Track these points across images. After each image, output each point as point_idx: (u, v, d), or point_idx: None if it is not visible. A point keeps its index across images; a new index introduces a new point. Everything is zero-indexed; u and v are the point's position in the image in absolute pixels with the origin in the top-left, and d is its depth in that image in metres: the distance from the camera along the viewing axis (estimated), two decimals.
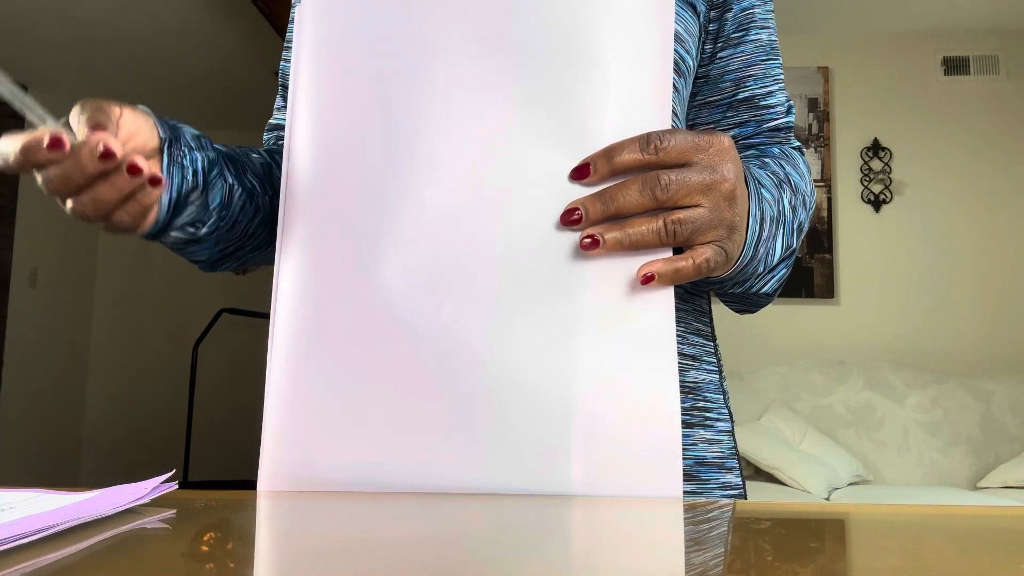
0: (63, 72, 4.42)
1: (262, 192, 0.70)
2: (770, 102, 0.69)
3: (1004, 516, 0.44)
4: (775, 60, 0.70)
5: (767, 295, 0.66)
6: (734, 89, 0.69)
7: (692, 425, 0.66)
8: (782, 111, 0.70)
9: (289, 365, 0.56)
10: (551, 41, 0.54)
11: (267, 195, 0.70)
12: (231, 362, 5.07)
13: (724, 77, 0.69)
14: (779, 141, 0.70)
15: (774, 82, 0.70)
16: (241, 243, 0.69)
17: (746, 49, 0.69)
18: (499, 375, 0.52)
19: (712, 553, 0.34)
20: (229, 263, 0.72)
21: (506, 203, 0.53)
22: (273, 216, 0.71)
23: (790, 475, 2.83)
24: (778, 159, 0.66)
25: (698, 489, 0.65)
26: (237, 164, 0.67)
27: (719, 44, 0.69)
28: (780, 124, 0.70)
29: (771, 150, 0.69)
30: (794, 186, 0.64)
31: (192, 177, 0.60)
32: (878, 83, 3.77)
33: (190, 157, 0.60)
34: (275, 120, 0.82)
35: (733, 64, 0.69)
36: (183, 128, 0.61)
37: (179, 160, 0.59)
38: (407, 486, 0.52)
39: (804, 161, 0.69)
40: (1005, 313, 3.57)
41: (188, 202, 0.61)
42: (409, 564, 0.31)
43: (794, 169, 0.66)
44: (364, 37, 0.57)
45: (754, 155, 0.68)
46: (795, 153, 0.69)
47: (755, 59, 0.69)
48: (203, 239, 0.65)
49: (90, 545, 0.34)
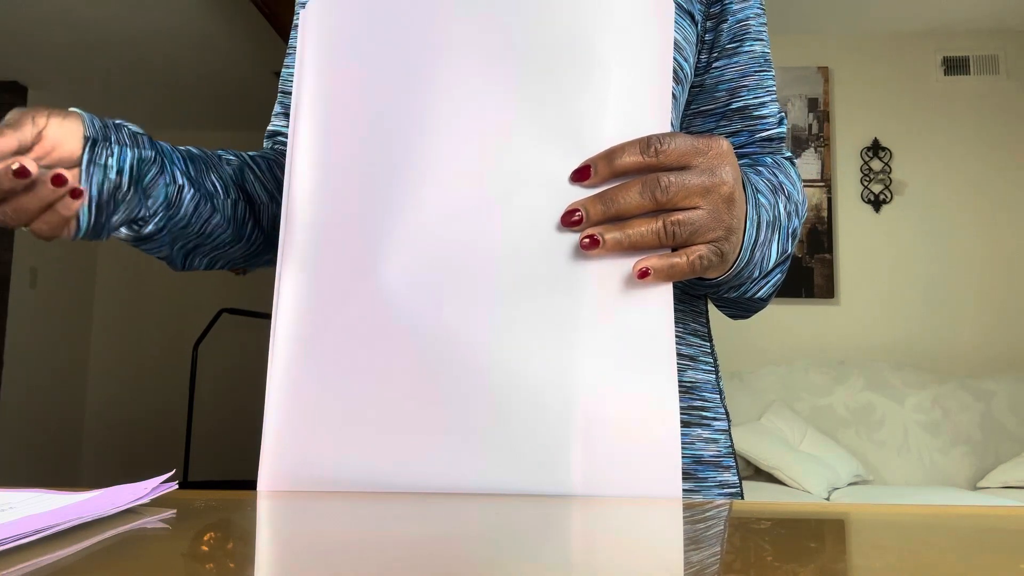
0: (62, 73, 4.42)
1: (224, 195, 0.69)
2: (763, 112, 0.71)
3: (1004, 516, 0.44)
4: (768, 72, 0.72)
5: (761, 300, 0.66)
6: (728, 99, 0.71)
7: (690, 424, 0.67)
8: (774, 122, 0.71)
9: (290, 365, 0.56)
10: (552, 45, 0.55)
11: (230, 198, 0.70)
12: (231, 362, 5.07)
13: (718, 87, 0.71)
14: (771, 151, 0.71)
15: (767, 93, 0.71)
16: (199, 241, 0.69)
17: (741, 60, 0.71)
18: (499, 375, 0.52)
19: (712, 553, 0.34)
20: (196, 260, 0.72)
21: (507, 205, 0.53)
22: (236, 218, 0.71)
23: (790, 475, 2.84)
24: (771, 167, 0.68)
25: (695, 488, 0.66)
26: (198, 165, 0.67)
27: (714, 54, 0.71)
28: (772, 135, 0.71)
29: (763, 159, 0.70)
30: (788, 194, 0.65)
31: (116, 176, 0.59)
32: (878, 83, 3.77)
33: (118, 155, 0.59)
34: (274, 127, 0.82)
35: (728, 74, 0.71)
36: (123, 126, 0.61)
37: (101, 160, 0.58)
38: (407, 486, 0.52)
39: (796, 171, 0.70)
40: (1005, 313, 3.57)
41: (118, 199, 0.60)
42: (409, 564, 0.31)
43: (786, 178, 0.67)
44: (367, 40, 0.58)
45: (747, 164, 0.69)
46: (787, 163, 0.71)
47: (749, 70, 0.71)
48: (151, 237, 0.65)
49: (90, 545, 0.34)
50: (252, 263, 0.78)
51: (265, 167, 0.76)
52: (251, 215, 0.73)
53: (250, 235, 0.73)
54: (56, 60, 4.26)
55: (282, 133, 0.81)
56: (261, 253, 0.77)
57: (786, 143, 0.73)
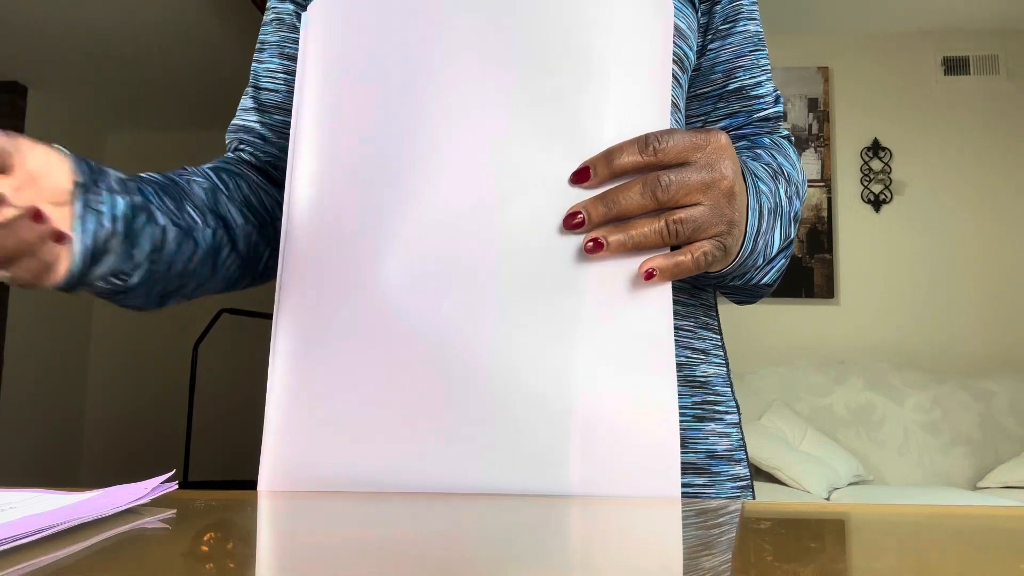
0: (62, 72, 4.42)
1: (202, 225, 0.65)
2: (759, 92, 0.71)
3: (1004, 516, 0.44)
4: (762, 51, 0.72)
5: (767, 285, 0.66)
6: (724, 80, 0.71)
7: (703, 419, 0.66)
8: (771, 100, 0.72)
9: (291, 365, 0.56)
10: (552, 46, 0.55)
11: (208, 227, 0.66)
12: (231, 362, 5.07)
13: (714, 69, 0.71)
14: (769, 131, 0.71)
15: (762, 72, 0.72)
16: (182, 282, 0.65)
17: (735, 40, 0.71)
18: (498, 376, 0.52)
19: (711, 553, 0.34)
20: (173, 300, 0.67)
21: (507, 206, 0.53)
22: (214, 247, 0.67)
23: (790, 475, 2.84)
24: (769, 149, 0.68)
25: (709, 482, 0.65)
26: (174, 197, 0.64)
27: (709, 36, 0.71)
28: (769, 114, 0.71)
29: (762, 140, 0.70)
30: (788, 176, 0.66)
31: (111, 224, 0.56)
32: (878, 83, 3.77)
33: (110, 202, 0.56)
34: (241, 122, 0.79)
35: (723, 56, 0.71)
36: (108, 172, 0.58)
37: (95, 205, 0.55)
38: (407, 486, 0.52)
39: (794, 150, 0.71)
40: (1005, 313, 3.57)
41: (107, 249, 0.56)
42: (409, 564, 0.31)
43: (785, 159, 0.67)
44: (368, 42, 0.58)
45: (746, 146, 0.70)
46: (785, 142, 0.71)
47: (744, 50, 0.71)
48: (133, 289, 0.61)
49: (90, 545, 0.34)
50: (228, 289, 0.74)
51: (233, 186, 0.72)
52: (228, 239, 0.69)
53: (225, 261, 0.69)
54: (56, 60, 4.26)
55: (250, 130, 0.78)
56: (238, 280, 0.73)
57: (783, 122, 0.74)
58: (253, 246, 0.72)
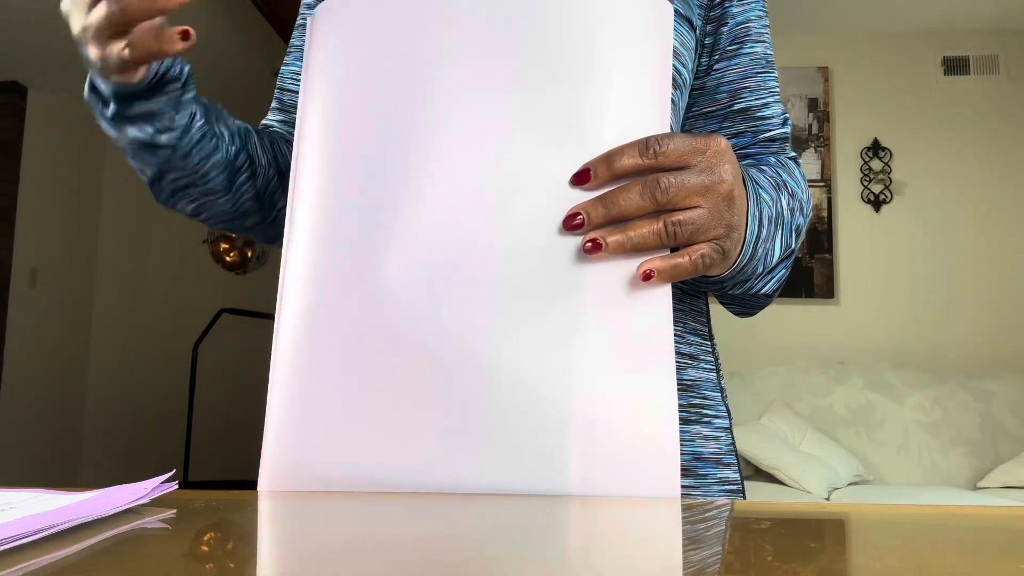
0: (62, 73, 4.42)
1: (229, 141, 0.70)
2: (766, 113, 0.71)
3: (1004, 516, 0.44)
4: (770, 73, 0.72)
5: (767, 296, 0.66)
6: (729, 100, 0.70)
7: (689, 422, 0.67)
8: (778, 122, 0.71)
9: (292, 365, 0.56)
10: (553, 48, 0.55)
11: (234, 145, 0.70)
12: (231, 362, 5.07)
13: (720, 88, 0.71)
14: (775, 151, 0.71)
15: (769, 94, 0.71)
16: (192, 179, 0.69)
17: (741, 61, 0.70)
18: (498, 376, 0.52)
19: (711, 553, 0.34)
20: (182, 202, 0.71)
21: (507, 207, 0.53)
22: (234, 166, 0.71)
23: (790, 475, 2.84)
24: (774, 167, 0.67)
25: (695, 484, 0.66)
26: (210, 112, 0.68)
27: (715, 56, 0.70)
28: (776, 135, 0.71)
29: (767, 159, 0.70)
30: (791, 191, 0.65)
31: (179, 68, 0.62)
32: (878, 83, 3.77)
33: (182, 60, 0.63)
34: (265, 120, 0.83)
35: (728, 76, 0.70)
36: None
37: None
38: (406, 486, 0.52)
39: (800, 171, 0.70)
40: (1005, 313, 3.57)
41: (166, 87, 0.62)
42: (409, 564, 0.31)
43: (790, 177, 0.67)
44: (372, 43, 0.58)
45: (751, 164, 0.69)
46: (791, 163, 0.70)
47: (750, 71, 0.71)
48: (159, 147, 0.65)
49: (90, 545, 0.34)
50: (236, 225, 0.76)
51: (267, 138, 0.76)
52: (249, 168, 0.72)
53: (241, 186, 0.72)
54: (56, 60, 4.26)
55: (273, 128, 0.82)
56: (247, 214, 0.75)
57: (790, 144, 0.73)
58: (271, 188, 0.75)
